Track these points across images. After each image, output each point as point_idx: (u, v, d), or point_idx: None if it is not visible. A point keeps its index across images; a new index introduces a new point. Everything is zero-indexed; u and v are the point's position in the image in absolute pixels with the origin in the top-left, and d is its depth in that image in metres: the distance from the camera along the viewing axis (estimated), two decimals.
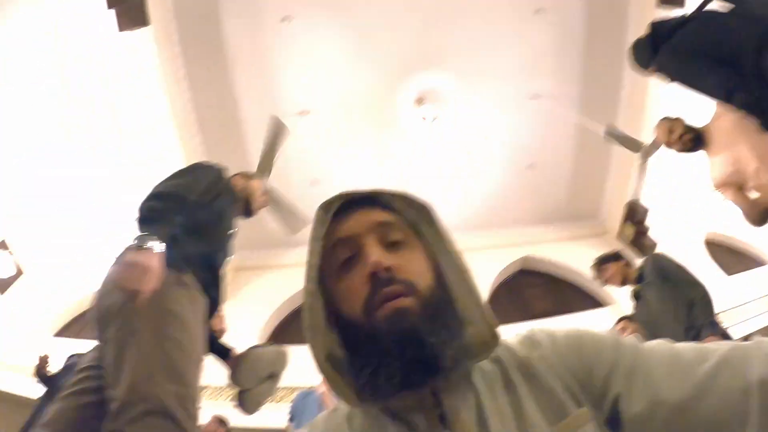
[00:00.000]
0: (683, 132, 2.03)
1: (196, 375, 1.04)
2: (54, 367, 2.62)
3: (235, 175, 1.65)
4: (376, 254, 0.48)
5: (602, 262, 2.48)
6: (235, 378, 1.43)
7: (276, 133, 3.15)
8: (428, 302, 0.46)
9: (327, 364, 0.47)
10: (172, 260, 1.05)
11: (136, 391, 0.90)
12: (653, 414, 0.40)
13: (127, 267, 0.95)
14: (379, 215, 0.53)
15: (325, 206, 0.54)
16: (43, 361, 2.56)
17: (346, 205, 0.55)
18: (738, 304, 4.27)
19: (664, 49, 1.79)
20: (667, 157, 2.23)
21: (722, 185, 1.99)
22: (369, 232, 0.51)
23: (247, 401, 1.45)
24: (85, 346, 2.89)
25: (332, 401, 2.36)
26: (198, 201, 1.22)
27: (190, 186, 1.21)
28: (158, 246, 1.00)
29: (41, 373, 2.53)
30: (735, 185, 1.94)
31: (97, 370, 1.05)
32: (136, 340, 0.96)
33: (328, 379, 0.46)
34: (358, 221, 0.52)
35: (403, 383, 0.42)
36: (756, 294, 4.48)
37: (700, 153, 2.05)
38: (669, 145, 2.10)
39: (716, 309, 2.15)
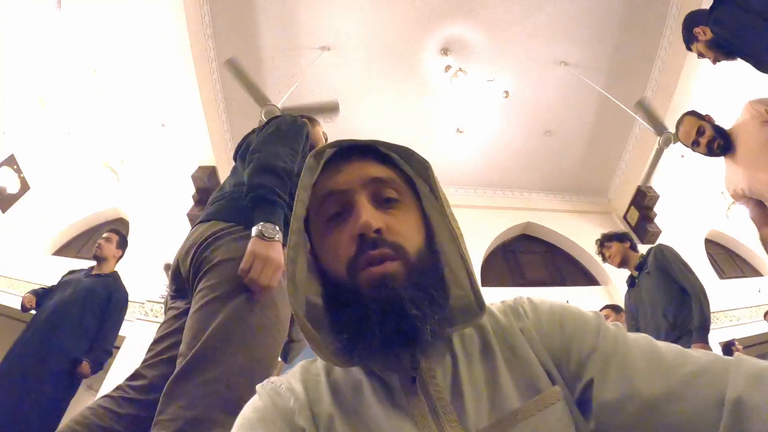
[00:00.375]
0: (713, 136, 1.89)
1: (275, 354, 1.00)
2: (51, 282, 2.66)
3: None
4: (366, 214, 0.45)
5: (607, 239, 2.47)
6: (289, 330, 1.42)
7: (237, 72, 3.27)
8: (415, 267, 0.44)
9: (306, 320, 0.46)
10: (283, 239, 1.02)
11: (205, 354, 0.87)
12: (623, 405, 0.39)
13: (259, 262, 0.93)
14: (374, 169, 0.50)
15: (317, 154, 0.51)
16: (28, 301, 2.53)
17: (339, 153, 0.52)
18: (724, 309, 4.37)
19: (727, 5, 1.66)
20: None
21: (741, 197, 1.90)
22: (362, 187, 0.48)
23: (292, 351, 1.42)
24: (82, 264, 2.88)
25: None
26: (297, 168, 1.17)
27: (294, 156, 1.15)
28: (280, 234, 0.98)
29: (26, 309, 2.53)
30: (756, 201, 1.84)
31: (176, 336, 1.02)
32: (227, 308, 0.93)
33: (307, 337, 0.46)
34: (351, 174, 0.49)
35: (381, 348, 0.42)
36: (743, 303, 4.56)
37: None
38: (694, 145, 1.95)
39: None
